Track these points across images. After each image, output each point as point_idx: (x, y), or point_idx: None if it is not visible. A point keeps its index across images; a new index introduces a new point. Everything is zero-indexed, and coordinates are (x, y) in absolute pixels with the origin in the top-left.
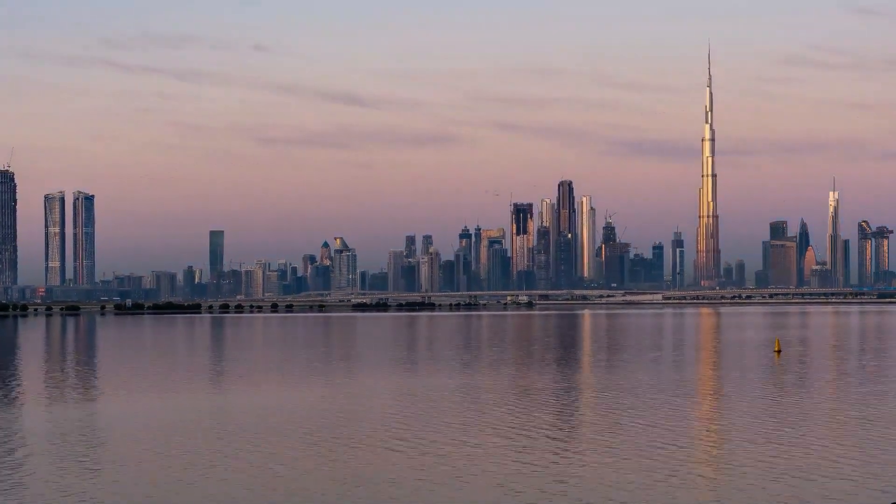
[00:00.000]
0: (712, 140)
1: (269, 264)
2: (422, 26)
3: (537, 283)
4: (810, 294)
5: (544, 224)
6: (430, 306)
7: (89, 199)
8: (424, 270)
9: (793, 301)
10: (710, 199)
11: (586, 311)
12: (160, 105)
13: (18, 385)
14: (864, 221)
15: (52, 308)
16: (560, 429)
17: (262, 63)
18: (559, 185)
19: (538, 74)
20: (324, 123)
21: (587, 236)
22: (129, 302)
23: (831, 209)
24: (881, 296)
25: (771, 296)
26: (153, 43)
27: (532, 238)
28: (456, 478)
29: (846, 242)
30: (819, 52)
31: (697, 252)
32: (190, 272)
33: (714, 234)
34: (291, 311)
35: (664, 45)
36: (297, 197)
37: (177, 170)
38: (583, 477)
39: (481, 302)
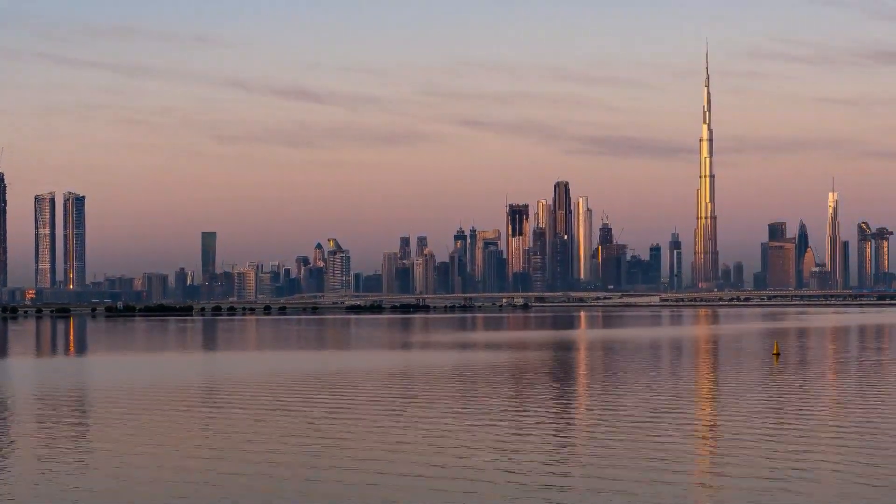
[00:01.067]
0: (710, 140)
1: (262, 266)
2: (370, 17)
3: (533, 285)
4: (809, 296)
5: (540, 225)
6: (425, 308)
7: (80, 200)
8: (419, 272)
9: (792, 303)
10: (707, 199)
11: (582, 314)
12: (107, 101)
13: None
14: (863, 222)
15: (42, 310)
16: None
17: (208, 56)
18: (555, 186)
19: (501, 70)
20: (280, 120)
21: (584, 238)
22: (120, 304)
23: (830, 210)
24: (881, 298)
25: (769, 298)
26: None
27: (528, 239)
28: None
29: (845, 244)
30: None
31: (695, 254)
32: (182, 274)
33: (712, 235)
34: (284, 314)
35: (661, 42)
36: (290, 198)
37: (167, 170)
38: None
39: (476, 304)
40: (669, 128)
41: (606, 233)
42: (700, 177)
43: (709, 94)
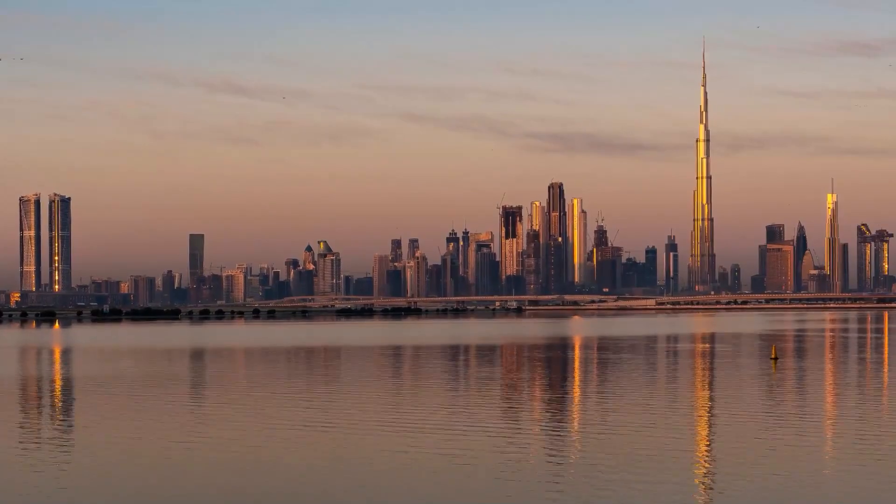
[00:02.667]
0: (707, 141)
1: (251, 268)
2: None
3: (527, 288)
4: (808, 300)
5: (534, 227)
6: (417, 312)
7: (65, 202)
8: (411, 275)
9: (790, 307)
10: (704, 201)
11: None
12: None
13: None
14: (863, 225)
15: (27, 314)
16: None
17: (125, 48)
18: (549, 187)
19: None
20: (215, 115)
21: (578, 240)
22: (106, 307)
23: (829, 212)
24: (881, 301)
25: (767, 301)
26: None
27: (521, 241)
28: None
29: (845, 246)
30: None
31: (692, 256)
32: (169, 277)
33: (709, 237)
34: (274, 318)
35: (656, 39)
36: (280, 199)
37: (155, 171)
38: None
39: (469, 307)
40: (666, 128)
41: (601, 235)
42: (697, 178)
43: (706, 93)
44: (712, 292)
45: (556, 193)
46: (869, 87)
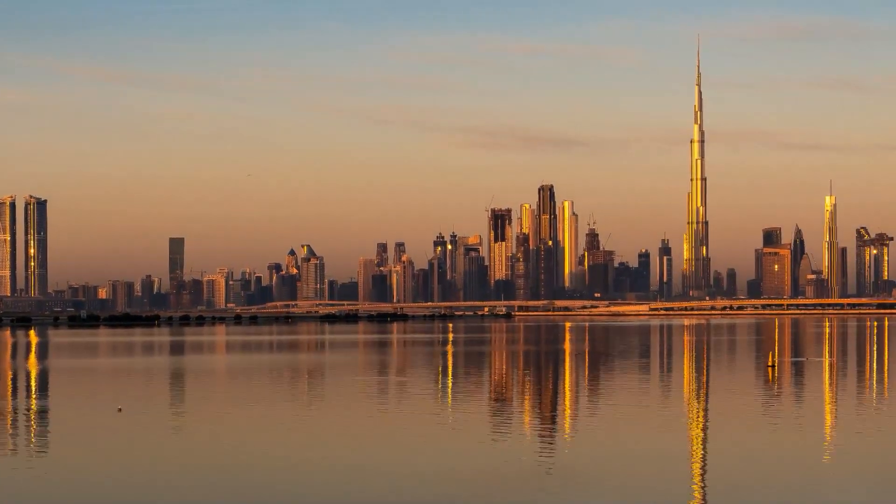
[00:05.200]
0: (702, 142)
1: (232, 273)
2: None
3: (516, 293)
4: (805, 305)
5: (523, 230)
6: (403, 318)
7: (41, 204)
8: (397, 280)
9: (787, 312)
10: (699, 203)
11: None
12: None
13: None
14: (862, 228)
15: (1, 319)
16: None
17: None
18: (539, 190)
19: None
20: (194, 117)
21: (569, 243)
22: (83, 313)
23: (827, 214)
24: (880, 307)
25: (764, 306)
26: None
27: (511, 245)
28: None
29: (843, 250)
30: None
31: (686, 260)
32: (148, 281)
33: (704, 241)
34: (256, 323)
35: (651, 37)
36: (262, 202)
37: (133, 173)
38: None
39: (457, 313)
40: (661, 128)
41: (593, 238)
42: (691, 179)
43: (700, 93)
44: (707, 297)
45: (547, 195)
46: (868, 87)
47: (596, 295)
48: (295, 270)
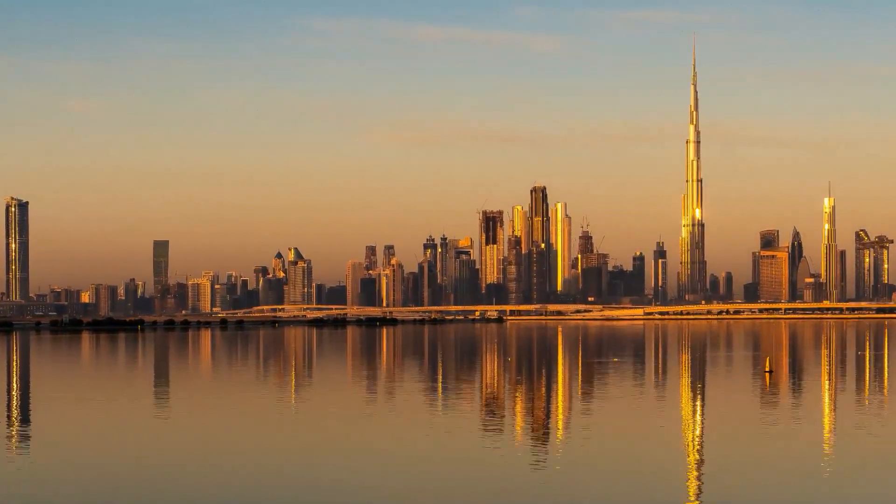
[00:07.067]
0: (697, 143)
1: (218, 277)
2: None
3: (508, 297)
4: (803, 309)
5: (516, 233)
6: (392, 322)
7: (23, 206)
8: (386, 283)
9: (784, 316)
10: (695, 205)
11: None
12: None
13: None
14: (861, 230)
15: None
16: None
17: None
18: (531, 191)
19: None
20: (181, 117)
21: (562, 246)
22: (65, 318)
23: (826, 216)
24: (880, 311)
25: (761, 311)
26: None
27: (503, 248)
28: None
29: (842, 253)
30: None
31: (681, 264)
32: (132, 285)
33: (700, 244)
34: (242, 328)
35: (645, 38)
36: (248, 204)
37: (116, 175)
38: None
39: (447, 317)
40: (655, 128)
41: (587, 241)
42: (686, 181)
43: (696, 92)
44: (703, 301)
45: (539, 197)
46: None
47: (590, 299)
48: (282, 274)
